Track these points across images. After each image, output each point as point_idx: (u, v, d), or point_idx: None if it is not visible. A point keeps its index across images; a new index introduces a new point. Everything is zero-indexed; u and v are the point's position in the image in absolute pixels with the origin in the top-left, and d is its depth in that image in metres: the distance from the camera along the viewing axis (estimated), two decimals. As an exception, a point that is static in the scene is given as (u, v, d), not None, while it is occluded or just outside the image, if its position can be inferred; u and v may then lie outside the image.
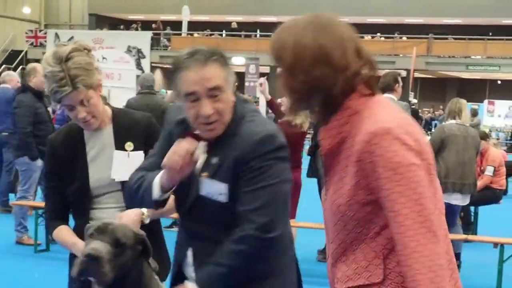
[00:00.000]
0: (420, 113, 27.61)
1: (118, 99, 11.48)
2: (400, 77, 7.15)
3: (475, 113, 23.16)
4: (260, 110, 3.05)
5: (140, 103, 8.53)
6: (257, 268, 2.47)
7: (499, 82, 39.52)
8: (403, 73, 26.37)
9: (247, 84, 25.96)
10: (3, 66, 33.49)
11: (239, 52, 30.30)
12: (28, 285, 6.83)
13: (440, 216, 1.98)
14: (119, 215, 2.87)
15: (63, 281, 3.16)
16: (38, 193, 9.00)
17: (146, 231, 2.62)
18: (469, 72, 35.48)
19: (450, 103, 7.91)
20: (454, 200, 7.42)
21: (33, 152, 8.06)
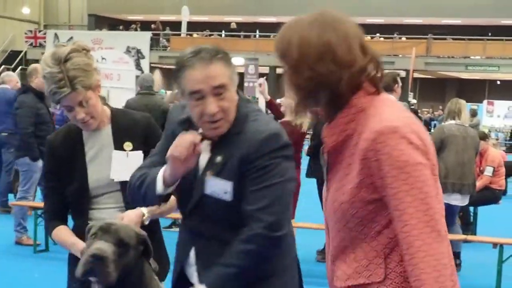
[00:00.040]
0: (419, 114, 27.61)
1: (117, 99, 11.48)
2: (399, 78, 7.15)
3: (474, 114, 23.16)
4: (260, 111, 3.04)
5: (139, 103, 8.54)
6: (263, 267, 2.47)
7: (498, 82, 39.52)
8: (402, 74, 26.41)
9: (246, 84, 25.94)
10: (3, 66, 33.49)
11: (238, 52, 30.28)
12: (27, 285, 6.83)
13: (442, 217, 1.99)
14: (120, 215, 2.88)
15: (63, 281, 3.16)
16: (37, 193, 8.99)
17: (145, 231, 2.62)
18: (468, 73, 35.48)
19: (450, 103, 7.92)
20: (454, 200, 7.43)
21: (34, 152, 8.06)
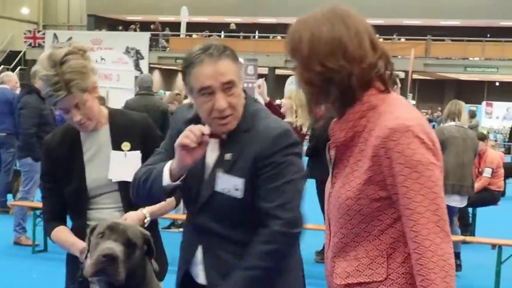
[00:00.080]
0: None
1: (116, 100, 11.49)
2: (398, 79, 7.16)
3: (473, 115, 23.17)
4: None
5: (138, 104, 8.54)
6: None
7: (497, 83, 39.54)
8: (401, 75, 26.39)
9: (245, 85, 25.85)
10: (2, 66, 33.49)
11: (238, 53, 30.05)
12: (26, 285, 6.82)
13: None
14: (123, 216, 2.88)
15: (61, 281, 3.16)
16: (36, 194, 8.99)
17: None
18: (467, 74, 35.49)
19: (450, 104, 7.92)
20: (453, 201, 7.43)
21: (36, 153, 8.05)
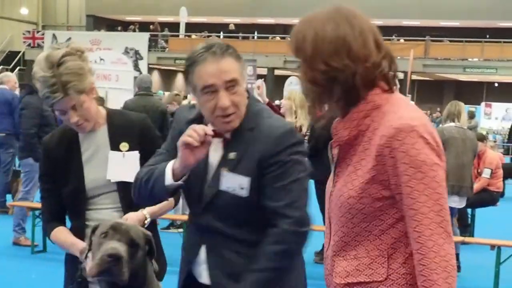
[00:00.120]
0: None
1: (115, 100, 11.50)
2: (398, 79, 7.15)
3: (472, 116, 23.20)
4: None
5: (137, 104, 8.54)
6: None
7: (496, 84, 39.56)
8: (400, 75, 26.40)
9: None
10: (1, 67, 33.46)
11: (237, 53, 30.23)
12: (25, 285, 6.82)
13: None
14: (123, 217, 2.88)
15: (60, 282, 3.16)
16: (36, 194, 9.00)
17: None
18: (466, 75, 35.50)
19: (450, 105, 7.92)
20: (452, 202, 7.43)
21: (37, 153, 8.04)
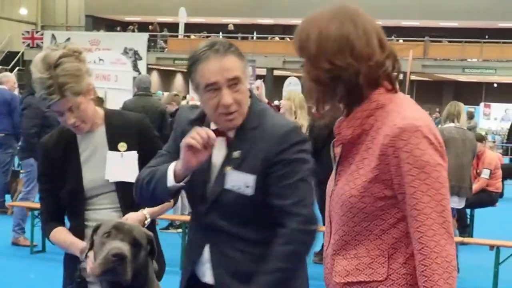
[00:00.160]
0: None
1: (114, 100, 11.50)
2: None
3: (471, 116, 23.20)
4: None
5: (136, 104, 8.54)
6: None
7: (495, 85, 39.57)
8: (399, 76, 26.36)
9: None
10: (0, 67, 33.47)
11: (236, 54, 30.21)
12: (24, 286, 6.82)
13: None
14: (123, 217, 2.88)
15: (59, 282, 3.16)
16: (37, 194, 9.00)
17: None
18: (465, 75, 35.51)
19: (449, 106, 7.92)
20: (452, 203, 7.40)
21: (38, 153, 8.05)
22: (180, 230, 8.23)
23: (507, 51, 32.86)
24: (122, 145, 3.04)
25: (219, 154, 2.49)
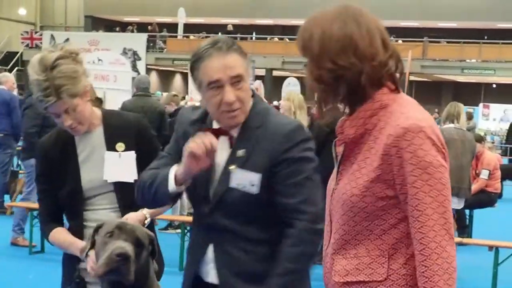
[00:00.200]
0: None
1: (113, 101, 11.49)
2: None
3: (470, 117, 23.21)
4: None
5: (135, 105, 8.54)
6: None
7: (494, 85, 39.59)
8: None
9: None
10: (-1, 67, 33.48)
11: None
12: (22, 286, 6.82)
13: None
14: (124, 217, 2.88)
15: (58, 282, 3.15)
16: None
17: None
18: (464, 76, 35.52)
19: (449, 106, 7.92)
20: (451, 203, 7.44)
21: (36, 153, 8.05)
22: (179, 231, 8.22)
23: (506, 51, 32.87)
24: (120, 145, 3.03)
25: (222, 153, 2.49)
